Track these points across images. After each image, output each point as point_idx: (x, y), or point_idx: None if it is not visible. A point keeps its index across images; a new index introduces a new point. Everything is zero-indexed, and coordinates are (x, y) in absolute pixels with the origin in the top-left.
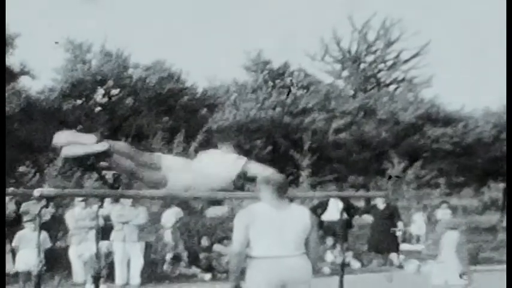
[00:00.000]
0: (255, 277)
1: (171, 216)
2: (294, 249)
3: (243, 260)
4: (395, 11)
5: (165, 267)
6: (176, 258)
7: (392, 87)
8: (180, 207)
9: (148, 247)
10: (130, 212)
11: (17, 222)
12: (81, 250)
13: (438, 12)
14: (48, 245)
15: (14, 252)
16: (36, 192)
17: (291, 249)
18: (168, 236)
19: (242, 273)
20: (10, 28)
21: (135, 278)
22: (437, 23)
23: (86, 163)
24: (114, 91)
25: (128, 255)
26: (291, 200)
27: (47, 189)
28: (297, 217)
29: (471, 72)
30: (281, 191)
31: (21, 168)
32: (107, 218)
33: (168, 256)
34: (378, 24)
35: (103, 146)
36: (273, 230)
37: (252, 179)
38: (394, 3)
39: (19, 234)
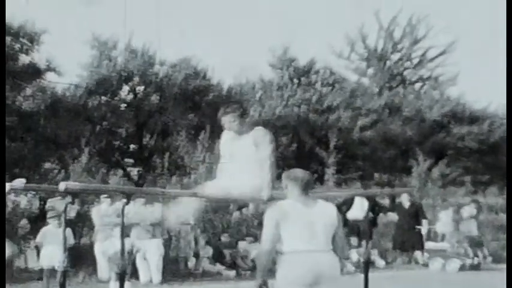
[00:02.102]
0: (287, 272)
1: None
2: (324, 244)
3: (272, 257)
4: (422, 8)
5: (189, 264)
6: (196, 256)
7: (418, 85)
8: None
9: (167, 244)
10: (146, 210)
11: (41, 219)
12: (106, 247)
13: (465, 9)
14: (72, 241)
15: (38, 249)
16: (61, 186)
17: (322, 244)
18: (187, 233)
19: (269, 270)
20: (36, 25)
21: (156, 276)
22: (464, 21)
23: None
24: (140, 88)
25: (145, 252)
26: None
27: (72, 183)
28: (324, 213)
29: (497, 70)
30: (307, 187)
31: (47, 165)
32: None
33: (189, 253)
34: (404, 22)
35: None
36: (304, 226)
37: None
38: (420, 0)
39: (43, 230)
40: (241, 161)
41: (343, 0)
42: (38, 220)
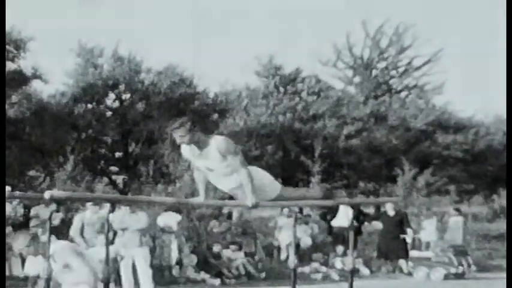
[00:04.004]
0: None
1: (168, 220)
2: None
3: None
4: (408, 17)
5: (174, 272)
6: (180, 264)
7: (403, 94)
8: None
9: (152, 251)
10: (131, 218)
11: (25, 226)
12: (90, 254)
13: (450, 19)
14: None
15: (22, 256)
16: (47, 194)
17: None
18: (170, 241)
19: None
20: (23, 32)
21: (147, 284)
22: (450, 30)
23: None
24: (126, 95)
25: (132, 261)
26: (301, 207)
27: (57, 192)
28: None
29: (482, 79)
30: None
31: (31, 172)
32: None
33: (173, 261)
34: (391, 31)
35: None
36: None
37: None
38: (407, 10)
39: None
40: (218, 173)
41: (329, 9)
42: (22, 227)
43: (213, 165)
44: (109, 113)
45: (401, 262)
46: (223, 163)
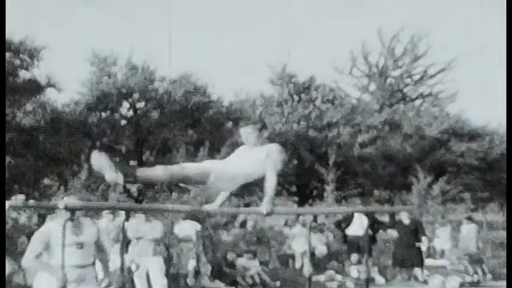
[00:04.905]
0: None
1: (186, 229)
2: None
3: None
4: (423, 26)
5: (188, 280)
6: (197, 273)
7: (418, 102)
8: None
9: (168, 260)
10: (146, 226)
11: None
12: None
13: (465, 27)
14: None
15: None
16: (61, 204)
17: None
18: (188, 250)
19: None
20: (36, 41)
21: None
22: (464, 39)
23: None
24: (140, 104)
25: (146, 270)
26: (315, 215)
27: (71, 201)
28: None
29: (497, 87)
30: None
31: (46, 181)
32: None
33: (190, 270)
34: (406, 39)
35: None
36: None
37: None
38: (422, 18)
39: None
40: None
41: (343, 16)
42: None
43: (252, 159)
44: (123, 122)
45: (417, 270)
46: (262, 162)
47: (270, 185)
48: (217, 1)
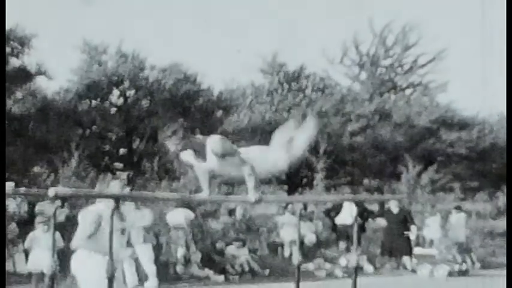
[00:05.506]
0: None
1: (179, 216)
2: None
3: None
4: (415, 16)
5: (178, 268)
6: (187, 261)
7: (408, 92)
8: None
9: (157, 248)
10: (135, 214)
11: (30, 223)
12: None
13: (456, 17)
14: (61, 245)
15: (26, 253)
16: (51, 191)
17: None
18: (179, 237)
19: None
20: (26, 29)
21: (152, 280)
22: (455, 28)
23: None
24: (130, 92)
25: (135, 257)
26: (305, 204)
27: (61, 189)
28: None
29: (487, 77)
30: None
31: (36, 169)
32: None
33: (180, 257)
34: (397, 29)
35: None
36: None
37: None
38: (413, 7)
39: (31, 235)
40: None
41: (335, 5)
42: (27, 224)
43: (212, 166)
44: (113, 110)
45: (405, 259)
46: (222, 163)
47: (245, 173)
48: None
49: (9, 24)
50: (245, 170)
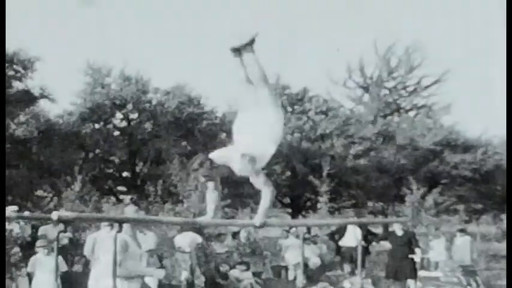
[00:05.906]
0: None
1: (184, 241)
2: None
3: None
4: (418, 38)
5: None
6: (191, 285)
7: (412, 113)
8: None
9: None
10: (140, 238)
11: (33, 247)
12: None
13: (459, 39)
14: (64, 268)
15: (30, 276)
16: (54, 215)
17: None
18: (184, 261)
19: None
20: (30, 52)
21: None
22: (459, 50)
23: None
24: (133, 115)
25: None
26: (309, 227)
27: (64, 213)
28: None
29: (491, 99)
30: None
31: (39, 192)
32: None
33: (184, 281)
34: (400, 51)
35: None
36: None
37: None
38: (416, 30)
39: (33, 258)
40: None
41: (339, 28)
42: (30, 247)
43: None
44: (117, 133)
45: (410, 282)
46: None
47: (264, 196)
48: (210, 12)
49: (12, 48)
50: (264, 193)
